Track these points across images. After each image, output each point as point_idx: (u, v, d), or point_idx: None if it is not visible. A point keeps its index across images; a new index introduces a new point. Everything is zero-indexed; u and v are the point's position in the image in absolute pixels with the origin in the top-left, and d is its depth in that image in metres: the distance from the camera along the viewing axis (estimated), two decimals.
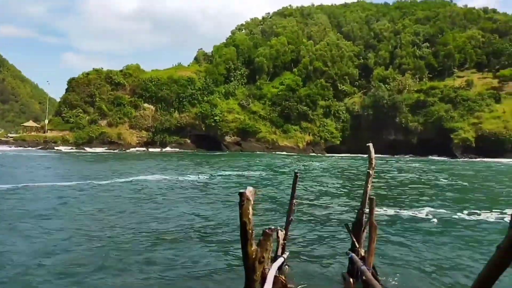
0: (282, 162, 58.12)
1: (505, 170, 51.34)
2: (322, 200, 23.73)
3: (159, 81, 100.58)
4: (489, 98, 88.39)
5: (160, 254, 11.91)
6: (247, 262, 6.29)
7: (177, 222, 16.60)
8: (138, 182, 29.25)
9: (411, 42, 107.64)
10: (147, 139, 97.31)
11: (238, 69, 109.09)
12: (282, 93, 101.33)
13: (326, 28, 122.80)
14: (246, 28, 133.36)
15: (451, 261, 12.09)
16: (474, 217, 18.90)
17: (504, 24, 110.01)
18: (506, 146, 79.37)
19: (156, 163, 49.84)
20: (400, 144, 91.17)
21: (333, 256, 12.48)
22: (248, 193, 6.12)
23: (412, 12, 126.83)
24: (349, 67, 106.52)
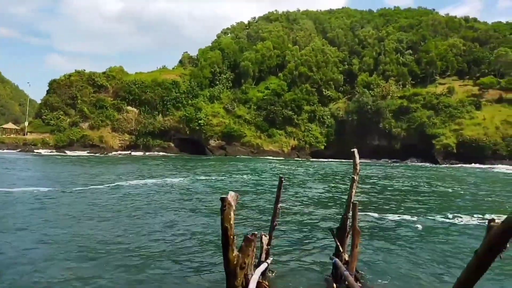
0: (266, 167, 58.05)
1: (485, 176, 52.16)
2: (307, 205, 23.66)
3: (143, 83, 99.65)
4: (470, 105, 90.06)
5: (135, 263, 11.63)
6: (228, 268, 6.16)
7: (154, 230, 16.31)
8: (117, 187, 28.71)
9: (395, 49, 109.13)
10: (130, 143, 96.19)
11: (223, 73, 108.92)
12: (267, 97, 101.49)
13: (312, 33, 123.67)
14: (232, 32, 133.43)
15: (434, 266, 12.10)
16: (457, 220, 19.06)
17: (484, 33, 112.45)
18: (486, 152, 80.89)
19: (137, 168, 49.23)
20: (384, 150, 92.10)
21: (317, 261, 12.40)
22: (230, 198, 6.00)
23: (396, 19, 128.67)
24: (334, 72, 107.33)
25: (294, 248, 13.84)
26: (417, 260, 12.64)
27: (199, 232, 15.81)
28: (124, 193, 25.92)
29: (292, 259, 12.53)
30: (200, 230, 16.13)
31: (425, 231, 16.84)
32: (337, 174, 48.22)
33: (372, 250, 13.72)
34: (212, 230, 15.36)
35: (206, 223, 17.38)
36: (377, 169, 59.98)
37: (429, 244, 14.67)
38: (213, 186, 31.33)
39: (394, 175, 48.55)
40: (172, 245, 13.62)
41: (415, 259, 12.82)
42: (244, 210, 20.72)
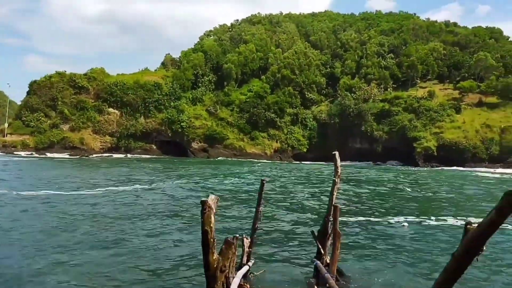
0: (248, 169, 58.01)
1: (465, 178, 53.09)
2: (289, 207, 23.72)
3: (125, 85, 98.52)
4: (450, 109, 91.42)
5: (114, 267, 11.48)
6: (208, 271, 6.11)
7: (131, 234, 16.15)
8: (95, 194, 28.27)
9: (376, 53, 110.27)
10: (111, 145, 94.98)
11: (206, 75, 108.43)
12: (250, 100, 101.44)
13: (294, 36, 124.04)
14: (214, 34, 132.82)
15: (414, 268, 12.24)
16: (436, 223, 19.33)
17: (464, 38, 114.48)
18: (466, 155, 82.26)
19: (117, 171, 48.64)
20: (366, 152, 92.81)
21: (299, 263, 12.44)
22: (210, 201, 5.96)
23: (378, 23, 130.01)
24: (316, 75, 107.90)
25: (275, 251, 13.84)
26: (397, 262, 12.77)
27: (178, 234, 15.67)
28: (99, 200, 25.57)
29: (274, 262, 12.54)
30: (179, 233, 16.00)
31: (406, 233, 17.03)
32: (319, 176, 48.49)
33: (353, 253, 13.81)
34: (192, 233, 15.24)
35: (186, 226, 17.25)
36: (359, 172, 60.53)
37: (410, 247, 14.84)
38: (194, 189, 31.14)
39: (375, 178, 49.06)
40: (150, 249, 13.46)
41: (396, 261, 12.95)
42: (226, 213, 20.65)
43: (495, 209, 2.99)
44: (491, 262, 12.82)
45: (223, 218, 19.14)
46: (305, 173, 53.55)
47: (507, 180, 52.68)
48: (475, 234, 3.22)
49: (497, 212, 2.98)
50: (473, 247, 3.23)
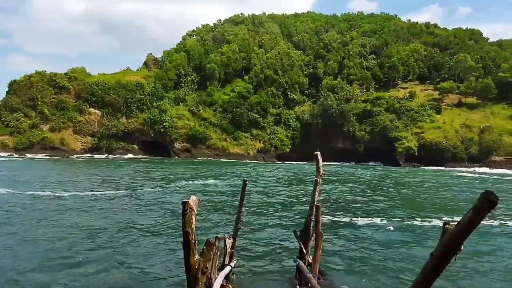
0: (231, 169, 57.89)
1: (444, 178, 53.94)
2: (271, 207, 23.72)
3: (106, 85, 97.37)
4: (431, 109, 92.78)
5: (95, 270, 11.32)
6: (189, 272, 6.06)
7: (111, 236, 15.96)
8: (68, 197, 27.80)
9: (358, 54, 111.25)
10: (92, 145, 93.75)
11: (188, 75, 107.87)
12: (233, 100, 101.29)
13: (277, 37, 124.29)
14: (197, 34, 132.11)
15: (394, 269, 12.36)
16: (416, 223, 19.58)
17: (444, 39, 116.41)
18: (446, 155, 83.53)
19: (96, 172, 47.98)
20: (348, 152, 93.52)
21: (281, 263, 12.44)
22: (192, 202, 5.90)
23: (359, 24, 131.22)
24: (299, 76, 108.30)
25: (258, 251, 13.82)
26: (378, 262, 12.88)
27: (160, 236, 15.52)
28: (73, 204, 25.23)
29: (256, 262, 12.51)
30: (161, 234, 15.85)
31: (387, 233, 17.19)
32: (302, 176, 48.66)
33: (335, 252, 13.88)
34: (174, 234, 15.11)
35: (168, 227, 17.10)
36: (341, 171, 60.97)
37: (391, 247, 14.99)
38: (176, 190, 30.90)
39: (357, 178, 49.48)
40: (131, 250, 13.31)
41: (377, 260, 13.06)
42: (208, 213, 20.55)
43: (472, 208, 3.02)
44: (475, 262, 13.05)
45: (205, 218, 19.04)
46: (287, 173, 53.69)
47: (486, 179, 53.78)
48: (453, 234, 3.25)
49: (475, 211, 3.00)
50: (452, 247, 3.26)
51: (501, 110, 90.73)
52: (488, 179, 54.54)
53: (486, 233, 17.16)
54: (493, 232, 17.57)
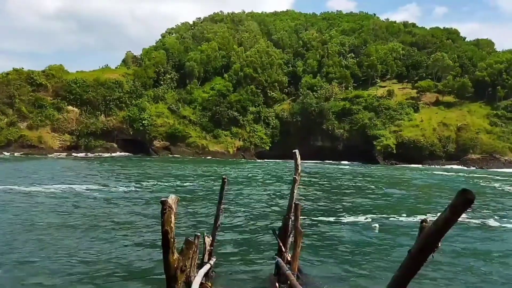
0: (211, 167, 57.69)
1: (422, 176, 54.93)
2: (250, 205, 23.74)
3: (84, 83, 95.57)
4: (409, 108, 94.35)
5: (74, 270, 11.12)
6: (168, 271, 6.01)
7: (89, 237, 15.72)
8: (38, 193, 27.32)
9: (338, 52, 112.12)
10: (71, 143, 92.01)
11: (168, 73, 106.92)
12: (212, 98, 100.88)
13: (257, 35, 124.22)
14: (176, 32, 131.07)
15: (371, 265, 12.52)
16: (393, 221, 19.87)
17: (422, 38, 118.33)
18: (424, 153, 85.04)
19: (74, 170, 47.17)
20: (327, 150, 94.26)
21: (261, 261, 12.46)
22: (171, 201, 5.84)
23: (338, 23, 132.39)
24: (278, 74, 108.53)
25: (237, 249, 13.81)
26: (356, 259, 13.03)
27: (138, 234, 15.36)
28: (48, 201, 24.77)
29: (236, 260, 12.51)
30: (140, 234, 15.68)
31: (364, 231, 17.38)
32: (281, 174, 48.83)
33: (312, 250, 13.97)
34: (153, 234, 14.96)
35: (146, 225, 16.92)
36: (320, 169, 61.46)
37: (368, 245, 15.17)
38: (155, 189, 30.60)
39: (336, 176, 49.93)
40: (110, 250, 13.13)
41: (354, 258, 13.20)
42: (187, 212, 20.43)
43: (449, 207, 3.04)
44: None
45: (185, 217, 18.92)
46: (266, 171, 53.81)
47: (463, 177, 55.04)
48: (430, 232, 3.28)
49: (451, 209, 3.03)
50: (429, 244, 3.29)
51: (478, 109, 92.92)
52: (465, 176, 55.83)
53: (464, 231, 17.52)
54: (470, 231, 17.95)
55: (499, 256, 13.87)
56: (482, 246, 15.28)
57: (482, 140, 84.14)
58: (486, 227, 18.99)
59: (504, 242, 16.19)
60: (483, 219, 20.60)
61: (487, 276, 11.78)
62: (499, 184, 42.60)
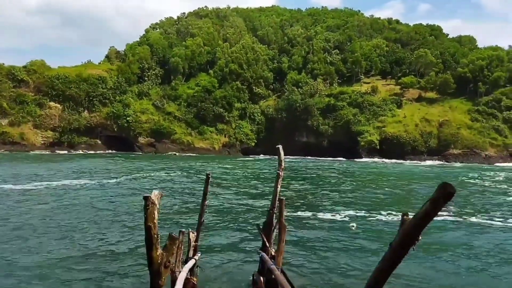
0: (196, 164, 57.50)
1: (404, 171, 55.58)
2: (235, 200, 23.74)
3: (67, 78, 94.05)
4: (392, 104, 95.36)
5: (56, 269, 11.00)
6: (152, 267, 5.99)
7: (72, 235, 15.54)
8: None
9: (323, 48, 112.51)
10: (54, 140, 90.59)
11: (152, 69, 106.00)
12: (197, 94, 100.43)
13: (242, 31, 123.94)
14: (160, 27, 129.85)
15: (354, 259, 12.65)
16: (375, 215, 20.07)
17: (406, 35, 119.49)
18: (406, 148, 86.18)
19: (54, 167, 46.52)
20: (312, 146, 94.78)
21: (245, 256, 12.51)
22: (154, 196, 5.81)
23: (324, 19, 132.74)
24: (264, 70, 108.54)
25: (222, 244, 13.83)
26: (339, 253, 13.15)
27: (123, 232, 15.23)
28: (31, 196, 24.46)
29: (221, 255, 12.53)
30: (123, 230, 15.55)
31: (346, 225, 17.52)
32: (266, 170, 48.92)
33: (299, 245, 14.05)
34: (136, 229, 14.87)
35: (131, 223, 16.80)
36: (306, 165, 61.73)
37: (351, 238, 15.31)
38: (139, 187, 30.34)
39: (320, 172, 50.23)
40: (94, 246, 13.01)
41: (337, 252, 13.32)
42: (172, 208, 20.35)
43: (429, 200, 3.09)
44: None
45: (169, 212, 18.84)
46: (252, 167, 53.87)
47: (444, 171, 55.92)
48: (411, 225, 3.33)
49: (432, 203, 3.09)
50: (410, 237, 3.35)
51: (459, 105, 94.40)
52: (446, 170, 56.70)
53: (442, 226, 17.79)
54: (448, 226, 18.23)
55: (471, 250, 14.12)
56: (455, 240, 15.53)
57: (463, 136, 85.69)
58: (458, 221, 19.33)
59: (479, 236, 16.48)
60: (460, 214, 20.94)
61: (457, 269, 11.99)
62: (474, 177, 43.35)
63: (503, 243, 15.11)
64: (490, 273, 11.65)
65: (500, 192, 31.25)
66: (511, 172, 55.96)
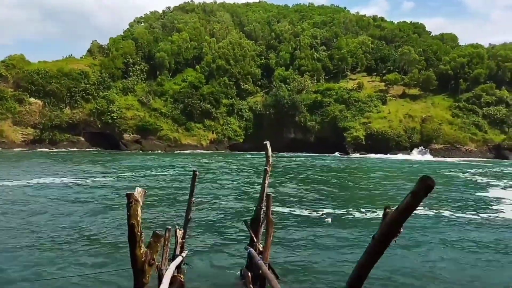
0: (183, 161, 57.27)
1: (389, 166, 56.14)
2: (222, 197, 23.73)
3: (47, 73, 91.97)
4: (377, 100, 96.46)
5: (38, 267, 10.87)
6: (135, 265, 5.93)
7: (56, 232, 15.37)
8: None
9: (310, 45, 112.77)
10: (34, 137, 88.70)
11: (137, 64, 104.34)
12: (184, 90, 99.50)
13: (229, 26, 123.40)
14: (145, 21, 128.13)
15: (337, 252, 12.77)
16: (367, 214, 20.25)
17: (390, 32, 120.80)
18: (391, 143, 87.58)
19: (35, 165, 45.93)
20: (300, 143, 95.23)
21: (233, 251, 12.52)
22: (137, 194, 5.74)
23: (310, 16, 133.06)
24: (251, 66, 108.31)
25: (209, 241, 13.81)
26: (324, 249, 13.25)
27: (105, 230, 15.10)
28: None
29: (208, 251, 12.52)
30: (106, 228, 15.41)
31: (329, 225, 17.63)
32: (254, 166, 48.94)
33: (285, 241, 14.11)
34: (119, 226, 14.76)
35: (115, 220, 16.65)
36: (292, 161, 61.94)
37: (334, 233, 15.43)
38: (124, 184, 30.10)
39: (307, 168, 50.45)
40: (75, 245, 12.88)
41: (322, 248, 13.42)
42: (159, 205, 20.25)
43: (410, 193, 3.16)
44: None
45: (156, 210, 18.74)
46: (239, 163, 53.86)
47: (426, 165, 56.74)
48: (393, 217, 3.40)
49: (413, 196, 3.15)
50: (391, 230, 3.42)
51: (441, 101, 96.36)
52: (428, 165, 57.52)
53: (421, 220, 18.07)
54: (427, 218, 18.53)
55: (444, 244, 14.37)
56: (427, 232, 15.81)
57: (445, 131, 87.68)
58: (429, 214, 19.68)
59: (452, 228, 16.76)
60: (434, 207, 21.27)
61: (428, 262, 12.20)
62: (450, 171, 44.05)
63: (475, 235, 15.59)
64: (463, 264, 11.90)
65: (475, 187, 31.98)
66: (489, 167, 57.18)
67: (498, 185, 32.75)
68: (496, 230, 16.66)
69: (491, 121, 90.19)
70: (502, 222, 18.26)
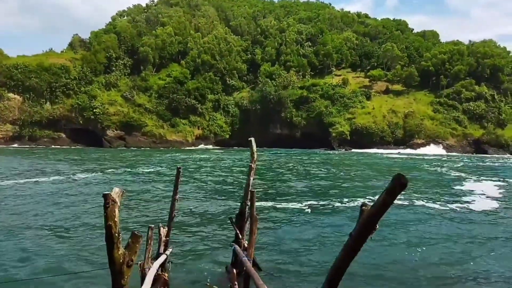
0: (167, 157, 56.93)
1: (371, 161, 56.69)
2: (207, 194, 23.65)
3: (27, 68, 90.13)
4: (361, 96, 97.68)
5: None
6: (113, 267, 5.81)
7: (32, 233, 15.13)
8: None
9: (295, 41, 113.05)
10: (13, 134, 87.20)
11: (120, 58, 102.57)
12: (169, 85, 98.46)
13: (214, 21, 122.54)
14: (128, 14, 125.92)
15: (320, 248, 12.86)
16: (340, 204, 20.41)
17: (374, 29, 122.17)
18: (375, 138, 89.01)
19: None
20: (286, 138, 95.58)
21: (218, 249, 12.48)
22: (114, 194, 5.63)
23: (296, 11, 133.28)
24: (237, 61, 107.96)
25: (194, 238, 13.74)
26: (307, 244, 13.33)
27: (84, 230, 14.86)
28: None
29: (193, 249, 12.46)
30: (85, 228, 15.16)
31: (313, 215, 17.75)
32: (239, 162, 48.91)
33: (268, 236, 14.14)
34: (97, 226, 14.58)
35: (90, 218, 16.41)
36: (277, 157, 62.04)
37: (316, 228, 15.52)
38: (105, 183, 29.61)
39: (293, 163, 50.59)
40: (53, 246, 12.69)
41: (306, 242, 13.50)
42: (142, 203, 20.08)
43: (385, 190, 3.23)
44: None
45: (139, 208, 18.59)
46: (225, 159, 53.76)
47: (408, 159, 57.67)
48: (369, 214, 3.47)
49: (388, 193, 3.21)
50: (368, 226, 3.48)
51: (423, 97, 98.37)
52: (410, 159, 58.42)
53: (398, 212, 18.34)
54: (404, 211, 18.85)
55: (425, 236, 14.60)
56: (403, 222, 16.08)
57: (426, 126, 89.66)
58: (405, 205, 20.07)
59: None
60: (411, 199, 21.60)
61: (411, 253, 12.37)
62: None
63: (447, 225, 16.02)
64: (432, 257, 12.12)
65: (451, 179, 32.79)
66: (468, 161, 58.49)
67: (471, 179, 33.58)
68: (466, 221, 17.07)
69: (470, 116, 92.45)
70: (472, 213, 18.83)
